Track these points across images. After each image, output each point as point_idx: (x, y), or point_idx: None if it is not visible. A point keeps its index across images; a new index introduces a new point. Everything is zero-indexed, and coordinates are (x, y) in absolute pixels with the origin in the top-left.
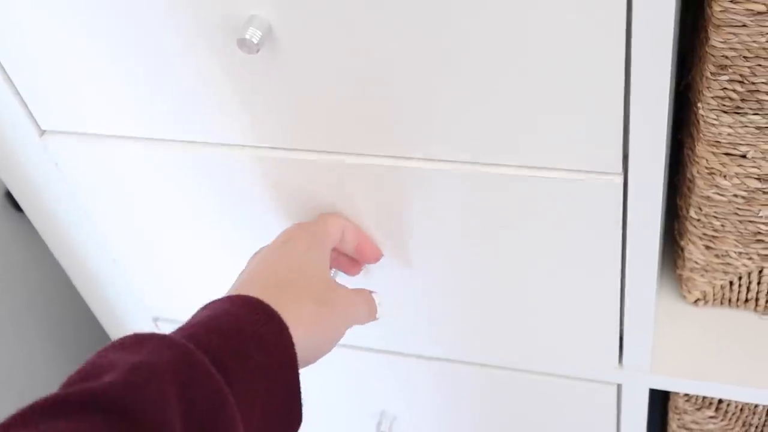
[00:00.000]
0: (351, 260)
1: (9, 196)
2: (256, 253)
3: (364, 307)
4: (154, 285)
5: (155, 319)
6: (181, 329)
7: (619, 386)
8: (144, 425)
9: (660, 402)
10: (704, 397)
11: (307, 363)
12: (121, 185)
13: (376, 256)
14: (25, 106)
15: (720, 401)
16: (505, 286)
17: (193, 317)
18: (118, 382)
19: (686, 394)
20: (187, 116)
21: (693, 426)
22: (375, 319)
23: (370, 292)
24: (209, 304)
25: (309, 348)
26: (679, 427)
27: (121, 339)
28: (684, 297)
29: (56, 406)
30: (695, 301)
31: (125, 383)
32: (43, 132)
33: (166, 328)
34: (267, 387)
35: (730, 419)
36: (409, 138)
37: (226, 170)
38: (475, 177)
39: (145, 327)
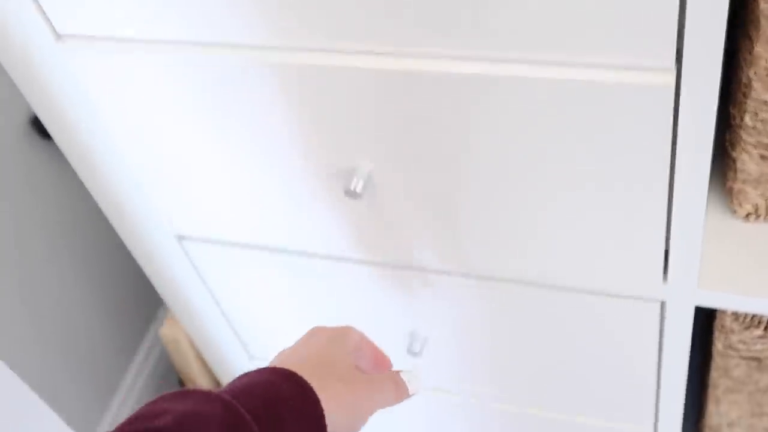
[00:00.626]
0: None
1: (35, 123)
2: (279, 353)
3: (390, 387)
4: (176, 203)
5: (180, 238)
6: (221, 391)
7: (662, 303)
8: None
9: (703, 323)
10: (753, 316)
11: None
12: (139, 94)
13: (388, 366)
14: (42, 10)
15: None
16: (545, 198)
17: (232, 383)
18: (172, 425)
19: (734, 313)
20: (208, 16)
21: (740, 346)
22: (407, 397)
23: (397, 372)
24: (247, 373)
25: (336, 424)
26: (724, 347)
27: (168, 393)
28: (734, 211)
29: None
30: (746, 216)
31: (178, 426)
32: (59, 36)
33: (191, 247)
34: None
35: None
36: (443, 35)
37: (249, 78)
38: (520, 80)
39: (170, 246)
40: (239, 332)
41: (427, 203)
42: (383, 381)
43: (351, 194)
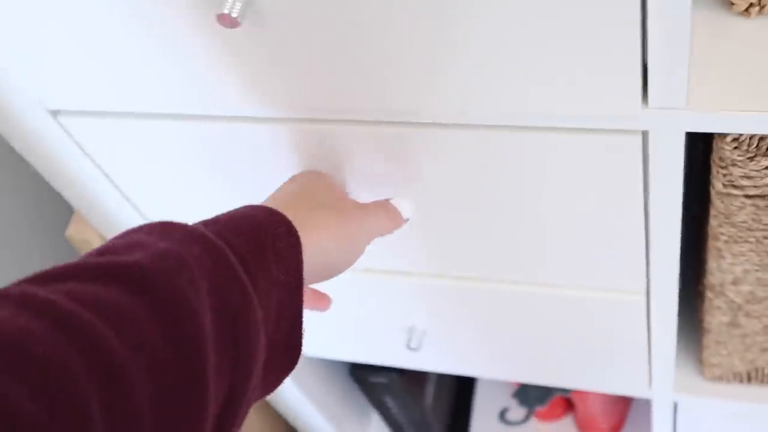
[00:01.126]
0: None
1: None
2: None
3: (382, 213)
4: (39, 72)
5: (54, 113)
6: (203, 222)
7: (644, 134)
8: (174, 307)
9: (699, 163)
10: (760, 140)
11: (325, 275)
12: None
13: None
14: None
15: None
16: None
17: (218, 216)
18: (149, 262)
19: (735, 139)
20: None
21: (744, 182)
22: (403, 223)
23: (386, 200)
24: (234, 208)
25: (330, 254)
26: (725, 185)
27: (148, 224)
28: (730, 4)
29: (83, 270)
30: (746, 9)
31: (157, 264)
32: None
33: (68, 123)
34: (278, 305)
35: None
36: None
37: None
38: None
39: (47, 125)
40: (148, 216)
41: (333, 29)
42: (374, 207)
43: (227, 21)
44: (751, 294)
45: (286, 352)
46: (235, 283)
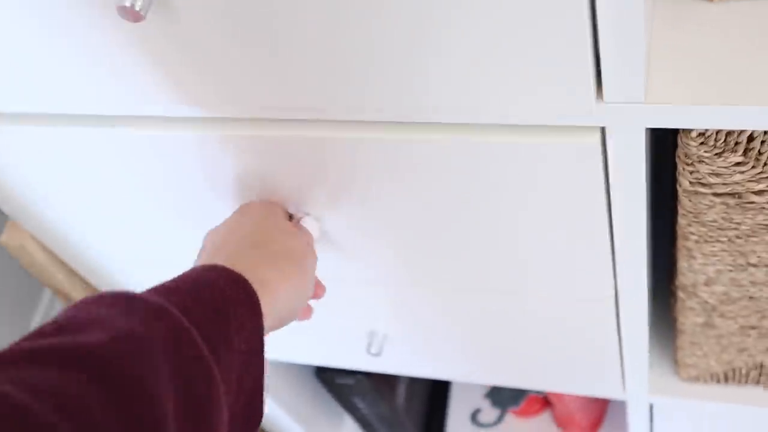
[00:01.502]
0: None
1: None
2: (209, 232)
3: (309, 240)
4: None
5: None
6: (164, 291)
7: (602, 130)
8: (134, 397)
9: (671, 156)
10: (727, 135)
11: (286, 321)
12: None
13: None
14: None
15: (751, 139)
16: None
17: (181, 282)
18: (108, 345)
19: (700, 134)
20: None
21: (712, 180)
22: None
23: (299, 220)
24: (197, 271)
25: (290, 302)
26: (693, 183)
27: (106, 294)
28: None
29: (38, 353)
30: None
31: (116, 348)
32: None
33: None
34: (239, 375)
35: (765, 165)
36: None
37: None
38: None
39: None
40: (80, 223)
41: (248, 20)
42: (303, 235)
43: (129, 14)
44: (725, 295)
45: (247, 420)
46: (198, 361)
